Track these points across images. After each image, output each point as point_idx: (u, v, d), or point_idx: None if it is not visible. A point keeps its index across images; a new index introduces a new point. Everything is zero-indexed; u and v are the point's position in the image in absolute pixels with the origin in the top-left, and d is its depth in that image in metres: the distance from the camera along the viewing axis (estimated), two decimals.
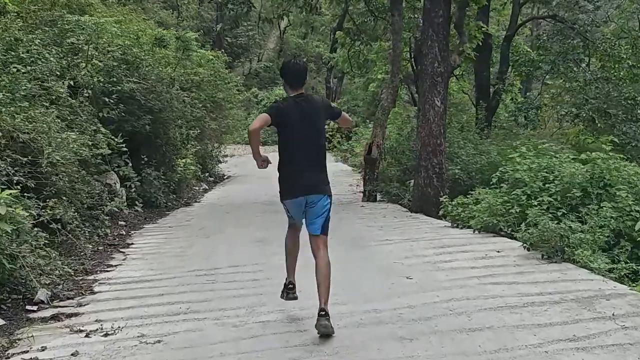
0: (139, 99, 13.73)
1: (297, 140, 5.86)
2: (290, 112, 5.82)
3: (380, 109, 15.08)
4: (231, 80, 22.98)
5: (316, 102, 6.07)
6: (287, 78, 6.02)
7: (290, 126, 5.84)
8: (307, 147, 5.87)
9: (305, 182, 5.88)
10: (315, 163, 5.94)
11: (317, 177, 5.98)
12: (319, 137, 6.00)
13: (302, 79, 5.98)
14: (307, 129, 5.85)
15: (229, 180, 22.81)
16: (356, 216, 12.89)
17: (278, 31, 51.00)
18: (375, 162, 14.91)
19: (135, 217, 13.47)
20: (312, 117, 5.89)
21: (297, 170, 5.87)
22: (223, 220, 13.19)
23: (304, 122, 5.83)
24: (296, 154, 5.87)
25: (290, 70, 6.01)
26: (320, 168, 6.01)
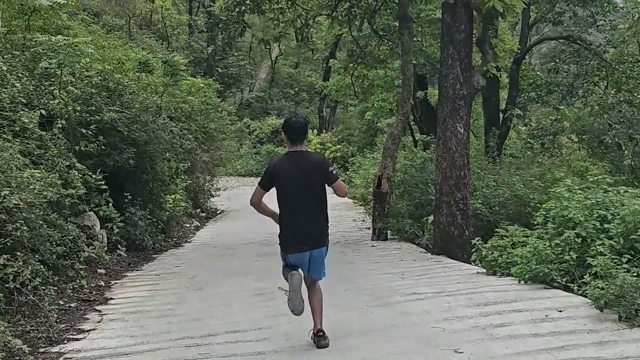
0: (121, 129, 12.00)
1: (293, 196, 5.97)
2: (287, 170, 5.98)
3: (390, 137, 13.41)
4: (224, 109, 21.32)
5: (312, 160, 6.16)
6: (287, 134, 6.13)
7: (286, 183, 5.97)
8: (306, 203, 5.97)
9: (309, 237, 6.00)
10: (314, 217, 6.03)
11: (318, 231, 6.08)
12: (317, 192, 6.03)
13: (302, 135, 6.11)
14: (305, 186, 5.93)
15: (222, 215, 21.02)
16: (369, 260, 11.15)
17: (269, 61, 49.50)
18: (385, 196, 13.21)
19: (118, 262, 11.68)
20: (305, 174, 5.95)
21: (298, 226, 5.96)
22: (217, 265, 11.41)
23: (301, 179, 5.92)
24: (295, 210, 5.98)
25: (291, 127, 6.10)
26: (320, 221, 6.10)
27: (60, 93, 10.90)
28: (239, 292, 9.01)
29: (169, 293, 9.20)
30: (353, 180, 26.46)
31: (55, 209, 9.73)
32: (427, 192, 13.14)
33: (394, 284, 8.79)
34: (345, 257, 11.62)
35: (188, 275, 10.56)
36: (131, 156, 12.23)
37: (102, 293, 9.45)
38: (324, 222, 6.14)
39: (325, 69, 43.23)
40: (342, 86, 34.27)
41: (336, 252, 12.13)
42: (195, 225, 17.80)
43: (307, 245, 6.00)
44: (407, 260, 10.80)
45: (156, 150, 13.10)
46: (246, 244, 13.98)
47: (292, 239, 6.01)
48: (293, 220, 5.99)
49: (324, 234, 6.14)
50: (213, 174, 21.63)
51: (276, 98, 47.23)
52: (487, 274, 9.01)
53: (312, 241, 6.02)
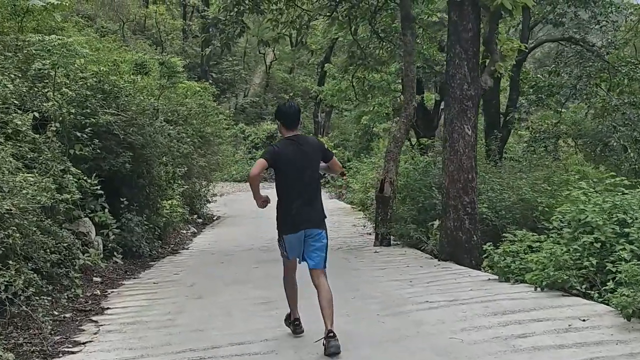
0: (117, 133, 11.60)
1: (293, 179, 6.06)
2: (286, 152, 6.06)
3: (393, 140, 13.03)
4: (220, 112, 20.91)
5: (311, 141, 6.38)
6: (282, 120, 6.22)
7: (287, 166, 6.05)
8: (304, 185, 6.07)
9: (304, 217, 6.09)
10: (312, 199, 6.15)
11: (315, 212, 6.17)
12: (314, 174, 6.18)
13: (297, 119, 6.24)
14: (303, 168, 6.06)
15: (219, 221, 20.60)
16: (374, 266, 10.75)
17: (264, 66, 49.17)
18: (388, 201, 12.82)
19: (114, 270, 11.26)
20: (307, 155, 6.10)
21: (296, 206, 6.05)
22: (216, 273, 11.00)
23: (299, 161, 6.04)
24: (294, 192, 6.07)
25: (285, 112, 6.23)
26: (317, 203, 6.21)
27: (54, 95, 10.51)
28: (239, 301, 8.60)
29: (167, 302, 8.78)
30: (351, 185, 26.09)
31: (49, 215, 9.34)
32: (430, 196, 12.77)
33: (403, 292, 8.40)
34: (348, 263, 11.23)
35: (187, 283, 10.15)
36: (127, 160, 11.84)
37: (99, 302, 9.02)
38: (321, 205, 6.28)
39: (320, 73, 42.92)
40: (337, 91, 34.02)
41: (339, 259, 11.74)
42: (192, 231, 17.39)
43: (302, 225, 6.10)
44: (414, 267, 10.41)
45: (153, 154, 12.70)
46: (245, 251, 13.57)
47: (290, 220, 6.11)
48: (292, 201, 6.08)
49: (321, 217, 6.24)
50: (209, 179, 21.21)
51: (271, 103, 46.83)
52: (500, 280, 8.62)
53: (309, 222, 6.12)
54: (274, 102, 47.05)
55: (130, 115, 11.80)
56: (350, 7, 14.21)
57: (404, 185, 13.72)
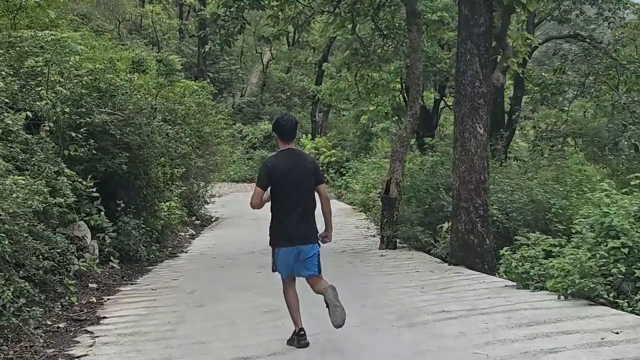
0: (113, 133, 11.10)
1: (289, 193, 6.03)
2: (281, 167, 6.03)
3: (398, 140, 12.54)
4: (219, 112, 20.38)
5: (306, 157, 6.43)
6: (279, 133, 6.20)
7: (282, 180, 6.00)
8: (299, 199, 6.04)
9: (301, 232, 6.06)
10: (306, 214, 6.08)
11: (309, 227, 6.14)
12: (309, 188, 6.11)
13: (294, 133, 6.17)
14: (298, 183, 6.01)
15: (218, 223, 20.09)
16: (382, 271, 10.28)
17: (261, 65, 48.62)
18: (394, 202, 12.34)
19: (110, 276, 10.75)
20: (302, 170, 6.06)
21: (291, 221, 6.03)
22: (217, 278, 10.51)
23: (294, 176, 6.00)
24: (288, 206, 6.04)
25: (282, 125, 6.17)
26: (311, 218, 6.14)
27: (48, 93, 10.02)
28: (244, 310, 8.11)
29: (167, 311, 8.29)
30: (350, 185, 25.63)
31: (42, 219, 8.85)
32: (438, 198, 12.30)
33: (416, 300, 7.92)
34: (354, 268, 10.75)
35: (187, 289, 9.66)
36: (124, 161, 11.34)
37: (94, 311, 8.53)
38: (314, 220, 6.18)
39: (317, 73, 42.43)
40: (335, 90, 33.58)
41: (344, 263, 11.26)
42: (191, 233, 16.88)
43: (296, 240, 6.07)
44: (423, 272, 9.93)
45: (150, 155, 12.19)
46: (246, 254, 13.08)
47: (284, 234, 6.09)
48: (287, 215, 6.06)
49: (313, 231, 6.19)
50: (208, 180, 20.70)
51: (268, 103, 46.31)
52: (518, 287, 8.15)
53: (304, 237, 6.10)
54: (271, 101, 46.57)
55: (126, 114, 11.29)
56: (353, 3, 13.73)
57: (410, 186, 13.25)
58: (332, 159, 33.72)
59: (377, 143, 34.91)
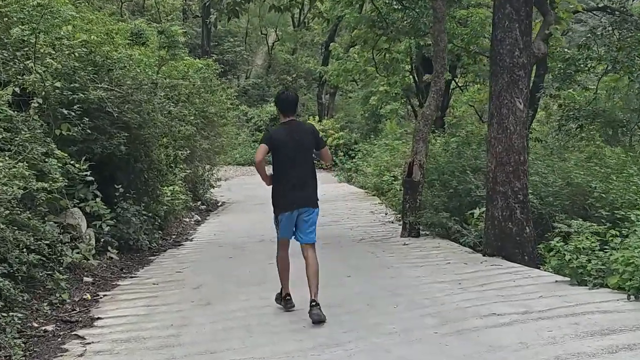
0: (110, 110, 9.98)
1: (287, 161, 6.45)
2: (282, 137, 6.45)
3: (422, 118, 11.38)
4: (227, 88, 19.21)
5: (305, 127, 6.78)
6: (280, 106, 6.64)
7: (283, 149, 6.42)
8: (297, 167, 6.45)
9: (298, 197, 6.45)
10: (305, 180, 6.50)
11: (308, 192, 6.51)
12: (307, 158, 6.54)
13: (293, 107, 6.64)
14: (297, 151, 6.43)
15: (224, 207, 18.98)
16: (408, 262, 9.17)
17: (266, 47, 47.30)
18: (417, 186, 11.21)
19: (108, 268, 9.69)
20: (301, 139, 6.46)
21: (290, 187, 6.45)
22: (226, 271, 9.42)
23: (294, 144, 6.41)
24: (288, 173, 6.46)
25: (282, 100, 6.61)
26: (310, 185, 6.52)
27: (36, 66, 8.90)
28: (258, 309, 7.02)
29: (170, 310, 7.22)
30: (361, 168, 24.48)
31: (29, 206, 7.79)
32: (464, 181, 11.15)
33: (457, 299, 6.80)
34: (377, 258, 9.64)
35: (192, 284, 8.57)
36: (122, 142, 10.24)
37: (88, 310, 7.46)
38: (314, 185, 6.58)
39: (324, 54, 41.18)
40: (342, 71, 32.35)
41: (365, 253, 10.17)
42: (196, 219, 15.79)
43: (298, 204, 6.44)
44: (456, 264, 8.81)
45: (151, 135, 11.09)
46: (256, 242, 11.98)
47: (285, 200, 6.45)
48: (286, 182, 6.44)
49: (313, 196, 6.55)
50: (213, 163, 19.57)
51: (273, 85, 45.02)
52: (572, 283, 7.03)
53: (302, 201, 6.45)
54: (277, 84, 45.29)
55: (125, 90, 10.16)
56: None
57: (434, 169, 12.11)
58: (340, 141, 32.55)
59: (386, 125, 33.78)
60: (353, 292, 7.42)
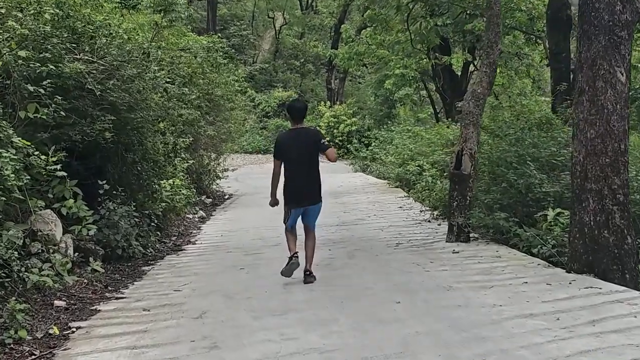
0: (91, 88, 7.82)
1: (294, 164, 7.24)
2: (288, 142, 7.36)
3: (472, 97, 9.17)
4: (233, 71, 17.04)
5: (310, 133, 7.56)
6: (290, 114, 7.51)
7: (290, 154, 7.25)
8: (303, 168, 7.27)
9: (305, 196, 7.30)
10: (311, 180, 7.32)
11: (313, 191, 7.35)
12: (312, 159, 7.30)
13: (302, 115, 7.44)
14: (303, 154, 7.26)
15: (232, 201, 16.82)
16: (469, 280, 6.98)
17: (273, 31, 44.97)
18: (468, 180, 9.04)
19: (89, 285, 7.58)
20: (305, 144, 7.26)
21: (297, 186, 7.27)
22: (237, 291, 7.27)
23: (300, 149, 7.24)
24: (296, 174, 7.26)
25: (293, 109, 7.47)
26: (315, 182, 7.35)
27: None
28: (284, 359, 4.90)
29: (162, 357, 5.09)
30: (378, 156, 22.31)
31: None
32: (527, 175, 8.96)
33: (569, 349, 4.65)
34: (426, 273, 7.47)
35: (193, 310, 6.45)
36: (107, 127, 8.08)
37: (51, 355, 5.36)
38: (318, 183, 7.39)
39: (333, 37, 38.94)
40: (354, 54, 30.10)
41: (407, 263, 8.03)
42: (200, 216, 13.64)
43: (305, 202, 7.33)
44: (536, 284, 6.63)
45: (144, 119, 8.92)
46: (271, 247, 9.84)
47: (294, 198, 7.31)
48: (294, 182, 7.26)
49: (318, 193, 7.39)
50: (219, 152, 17.41)
51: (281, 70, 42.78)
52: None
53: (309, 199, 7.33)
54: (285, 68, 43.09)
55: (109, 62, 7.99)
56: None
57: (487, 159, 9.92)
58: (352, 128, 30.39)
59: (400, 110, 31.58)
60: (414, 332, 5.27)
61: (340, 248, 9.41)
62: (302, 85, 41.72)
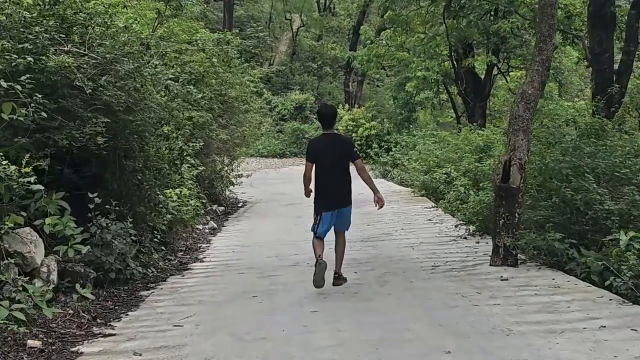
0: (81, 85, 6.59)
1: (326, 168, 7.18)
2: (320, 148, 7.27)
3: (521, 99, 7.81)
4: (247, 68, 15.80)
5: (343, 139, 8.07)
6: (320, 120, 7.50)
7: (321, 159, 7.20)
8: (335, 173, 7.19)
9: (336, 200, 7.20)
10: (342, 185, 7.21)
11: (344, 195, 7.24)
12: (344, 164, 7.20)
13: (333, 120, 7.42)
14: (335, 159, 7.19)
15: (246, 209, 15.54)
16: (529, 320, 5.62)
17: (290, 33, 43.69)
18: (517, 195, 7.68)
19: (74, 317, 6.31)
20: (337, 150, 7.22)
21: (329, 191, 7.17)
22: (249, 326, 5.98)
23: (332, 154, 7.17)
24: (327, 179, 7.17)
25: (323, 114, 7.41)
26: (345, 188, 7.23)
27: None
28: None
29: None
30: (400, 162, 20.95)
31: None
32: (584, 189, 7.61)
33: None
34: (475, 308, 6.12)
35: (194, 357, 5.18)
36: (100, 130, 6.83)
37: None
38: (349, 187, 7.25)
39: (352, 39, 37.66)
40: (374, 56, 28.80)
41: (449, 294, 6.71)
42: (211, 227, 12.37)
43: (336, 205, 7.19)
44: (617, 329, 5.26)
45: (145, 122, 7.66)
46: (289, 268, 8.57)
47: (325, 202, 7.19)
48: (325, 187, 7.15)
49: (348, 197, 7.25)
50: (233, 156, 16.14)
51: (298, 72, 41.51)
52: None
53: (339, 203, 7.21)
54: (302, 71, 41.81)
55: (102, 54, 6.74)
56: None
57: (537, 170, 8.55)
58: (371, 132, 29.05)
59: (420, 114, 30.24)
60: None
61: (368, 270, 8.10)
62: (319, 88, 40.44)
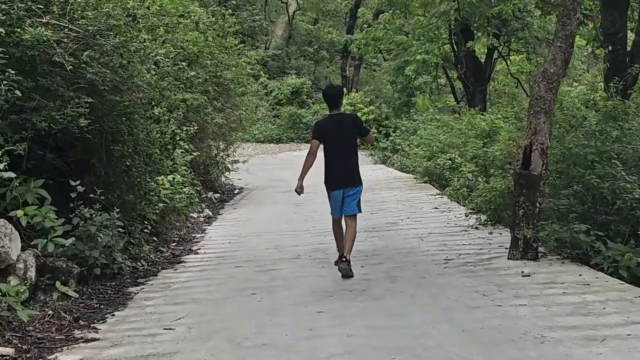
0: (60, 60, 5.88)
1: (334, 148, 7.11)
2: (328, 128, 7.18)
3: (543, 79, 7.12)
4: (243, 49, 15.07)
5: (350, 117, 7.54)
6: (326, 101, 7.36)
7: (330, 138, 7.11)
8: (342, 152, 7.11)
9: (344, 179, 7.11)
10: (349, 164, 7.14)
11: (352, 174, 7.15)
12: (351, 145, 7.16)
13: (337, 101, 7.24)
14: (341, 140, 7.10)
15: (242, 196, 14.86)
16: (562, 324, 4.96)
17: (286, 16, 42.78)
18: (538, 183, 7.03)
19: (53, 319, 5.65)
20: (344, 129, 7.11)
21: (336, 170, 7.12)
22: (247, 327, 5.32)
23: (340, 134, 7.09)
24: (334, 158, 7.10)
25: (328, 94, 7.31)
26: (353, 167, 7.16)
27: None
28: None
29: None
30: (400, 147, 20.29)
31: None
32: (612, 176, 6.96)
33: None
34: (498, 309, 5.47)
35: None
36: (83, 112, 6.13)
37: None
38: (357, 166, 7.20)
39: (349, 23, 36.85)
40: (371, 39, 28.10)
41: (468, 291, 6.06)
42: (206, 215, 11.70)
43: (343, 184, 7.10)
44: None
45: (134, 103, 6.95)
46: (290, 261, 7.92)
47: (334, 180, 7.14)
48: (334, 166, 7.12)
49: (357, 177, 7.18)
50: (229, 142, 15.44)
51: (294, 56, 40.71)
52: None
53: (347, 181, 7.11)
54: (298, 55, 41.00)
55: (84, 27, 6.02)
56: None
57: (558, 155, 7.87)
58: (370, 117, 28.30)
59: (418, 99, 29.51)
60: None
61: (375, 265, 7.45)
62: (315, 72, 39.67)
